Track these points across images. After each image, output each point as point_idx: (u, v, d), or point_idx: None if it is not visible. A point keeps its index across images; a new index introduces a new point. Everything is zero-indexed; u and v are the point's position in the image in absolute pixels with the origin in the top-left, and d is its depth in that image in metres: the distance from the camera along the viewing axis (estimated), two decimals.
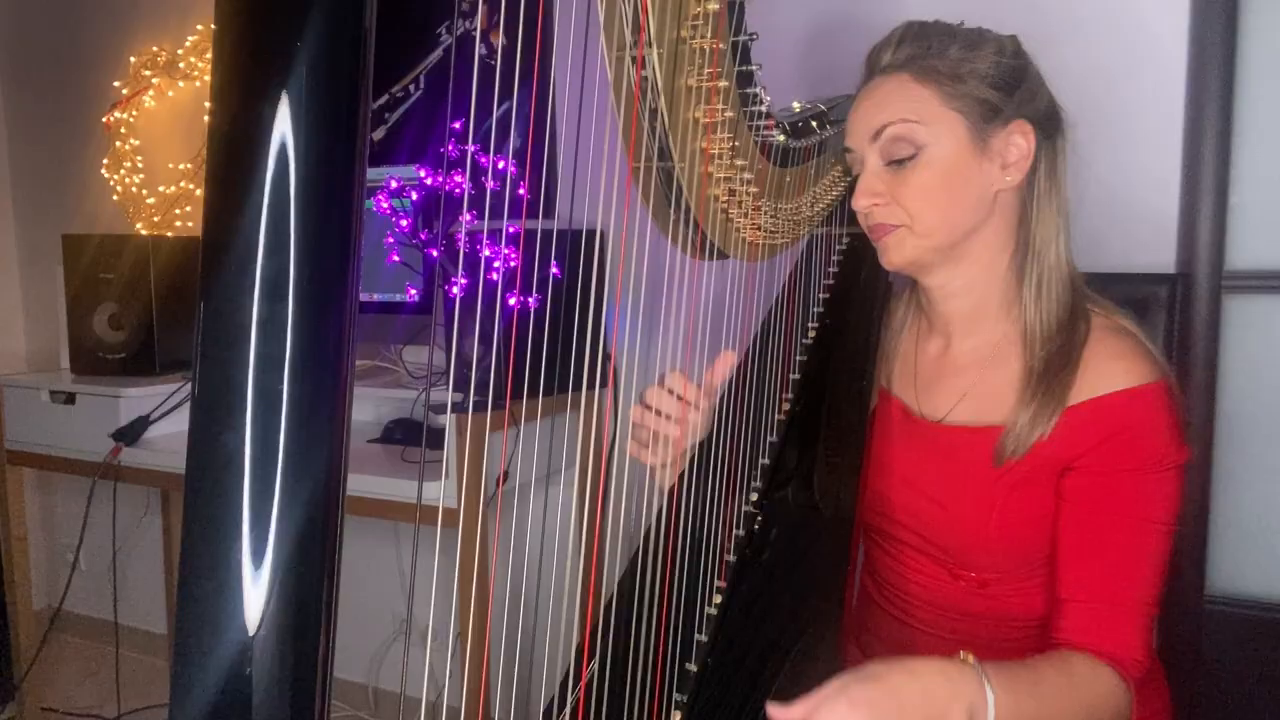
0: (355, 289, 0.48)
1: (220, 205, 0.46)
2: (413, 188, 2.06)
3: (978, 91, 1.09)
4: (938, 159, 1.10)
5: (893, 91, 1.11)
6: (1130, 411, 1.07)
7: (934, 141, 1.09)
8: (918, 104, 1.10)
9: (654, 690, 0.97)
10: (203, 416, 0.45)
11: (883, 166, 1.12)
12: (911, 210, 1.12)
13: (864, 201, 1.13)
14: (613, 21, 0.82)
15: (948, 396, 1.19)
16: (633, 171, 0.92)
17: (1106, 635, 1.04)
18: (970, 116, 1.09)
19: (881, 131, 1.11)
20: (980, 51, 1.10)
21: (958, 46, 1.10)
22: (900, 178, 1.11)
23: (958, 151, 1.10)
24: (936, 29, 1.13)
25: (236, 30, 0.45)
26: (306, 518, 0.46)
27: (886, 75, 1.13)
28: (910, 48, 1.12)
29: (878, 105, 1.12)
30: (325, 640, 0.48)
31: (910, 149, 1.10)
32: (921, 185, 1.10)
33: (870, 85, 1.15)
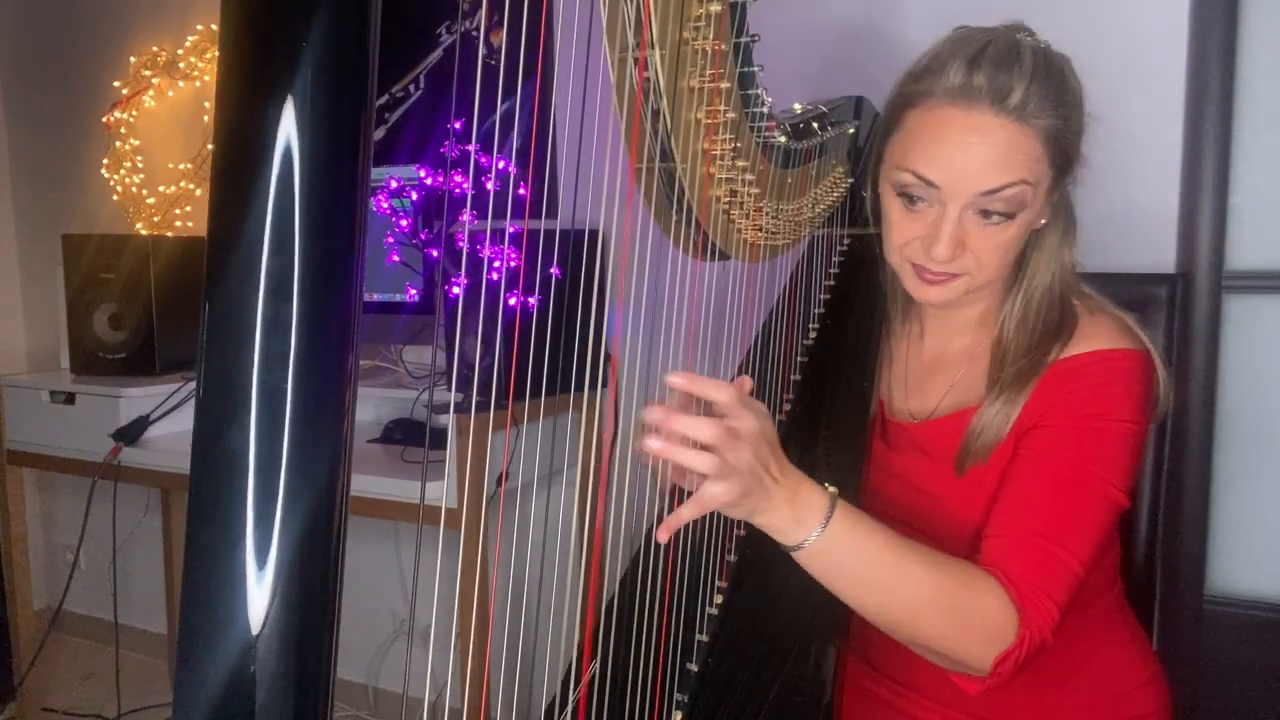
0: (359, 289, 0.48)
1: (225, 205, 0.46)
2: (413, 188, 2.06)
3: (1069, 151, 1.05)
4: (1027, 219, 1.06)
5: (1019, 150, 1.02)
6: (1095, 367, 1.06)
7: (1031, 204, 1.05)
8: (1031, 161, 1.02)
9: (655, 690, 0.97)
10: (207, 415, 0.45)
11: (973, 215, 1.05)
12: (983, 261, 1.07)
13: (947, 251, 1.05)
14: (615, 23, 0.82)
15: (936, 393, 1.20)
16: (635, 172, 0.93)
17: (1019, 566, 0.97)
18: (1058, 179, 1.06)
19: (998, 191, 1.02)
20: (1078, 102, 1.05)
21: (1069, 97, 1.04)
22: (985, 232, 1.05)
23: (1039, 211, 1.07)
24: (1056, 59, 1.05)
25: (241, 31, 0.45)
26: (310, 517, 0.46)
27: (1013, 120, 1.01)
28: (1039, 90, 1.01)
29: (991, 161, 1.02)
30: (329, 640, 0.48)
31: (1014, 210, 1.04)
32: (1005, 242, 1.06)
33: (975, 119, 1.02)
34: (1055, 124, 1.02)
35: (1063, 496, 1.01)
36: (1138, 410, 1.05)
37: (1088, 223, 1.17)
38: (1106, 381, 1.05)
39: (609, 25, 0.83)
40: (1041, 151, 1.03)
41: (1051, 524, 1.00)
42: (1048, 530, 0.99)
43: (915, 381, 1.24)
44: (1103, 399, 1.04)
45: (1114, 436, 1.04)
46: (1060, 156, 1.05)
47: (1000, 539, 1.01)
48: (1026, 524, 1.00)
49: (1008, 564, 0.98)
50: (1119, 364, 1.06)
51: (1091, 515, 1.01)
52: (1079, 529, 1.00)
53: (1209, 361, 1.62)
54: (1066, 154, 1.05)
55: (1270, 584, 1.64)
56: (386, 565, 2.60)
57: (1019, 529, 1.00)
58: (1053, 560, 0.98)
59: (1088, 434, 1.03)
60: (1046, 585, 0.96)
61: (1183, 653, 1.57)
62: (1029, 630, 0.94)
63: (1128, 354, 1.07)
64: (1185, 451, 1.59)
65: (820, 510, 0.90)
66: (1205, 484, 1.63)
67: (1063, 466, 1.02)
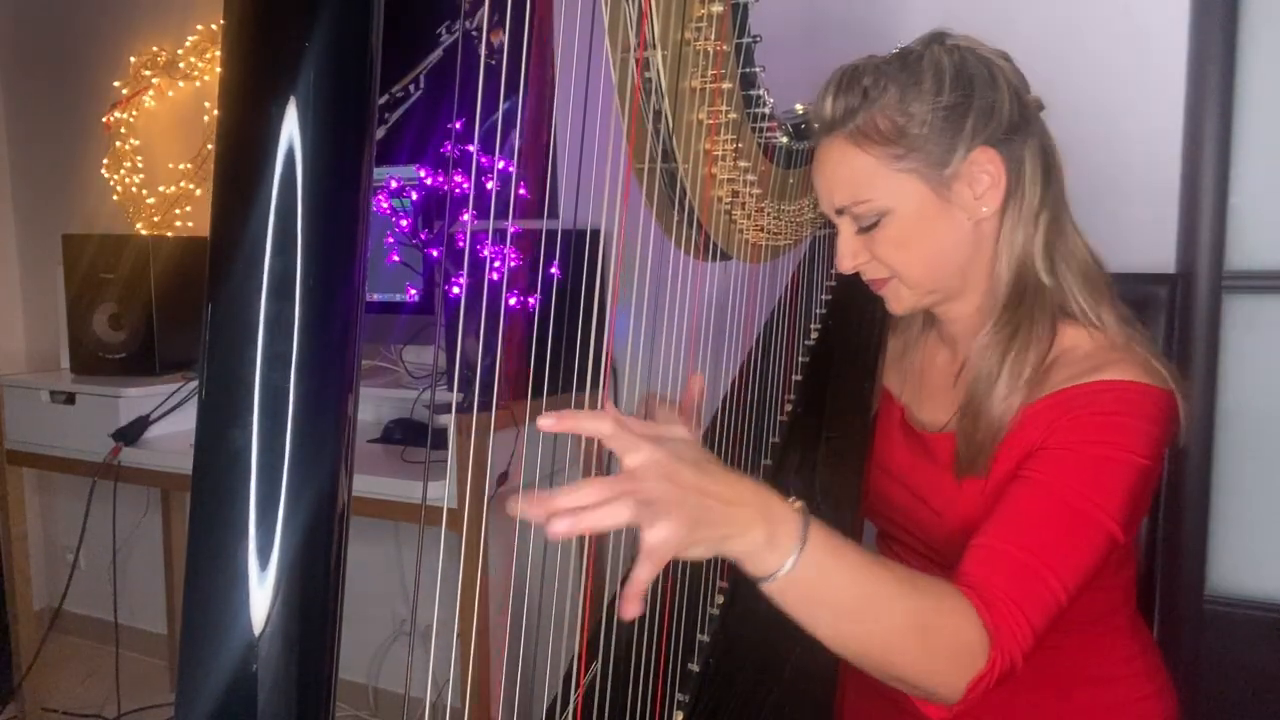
0: (361, 289, 0.48)
1: (228, 206, 0.46)
2: (413, 188, 2.06)
3: (924, 143, 1.04)
4: (903, 218, 1.07)
5: (838, 164, 1.08)
6: (1105, 394, 1.02)
7: (895, 205, 1.06)
8: (865, 177, 1.06)
9: (656, 690, 0.97)
10: (210, 414, 0.45)
11: (854, 231, 1.10)
12: (892, 265, 1.10)
13: (846, 264, 1.12)
14: (617, 24, 0.83)
15: (947, 406, 1.19)
16: (637, 173, 0.93)
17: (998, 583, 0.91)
18: (923, 171, 1.05)
19: (846, 209, 1.09)
20: (918, 92, 1.04)
21: (894, 90, 1.04)
22: (873, 239, 1.09)
23: (921, 206, 1.06)
24: (867, 70, 1.07)
25: (245, 33, 0.45)
26: (313, 517, 0.46)
27: (829, 137, 1.09)
28: (844, 100, 1.06)
29: (829, 182, 1.10)
30: (331, 640, 0.48)
31: (874, 216, 1.07)
32: (893, 243, 1.08)
33: (819, 147, 1.12)
34: (873, 121, 1.04)
35: (1056, 520, 0.97)
36: (1148, 446, 1.00)
37: (1088, 223, 1.16)
38: (1117, 410, 1.01)
39: (611, 26, 0.83)
40: (868, 160, 1.05)
41: (1041, 545, 0.95)
42: (1036, 550, 0.94)
43: (930, 392, 1.23)
44: (1111, 428, 1.00)
45: (1118, 467, 0.99)
46: (905, 148, 1.04)
47: (985, 550, 0.96)
48: (1015, 541, 0.95)
49: (988, 578, 0.92)
50: (1133, 396, 1.02)
51: (1083, 544, 0.96)
52: (1068, 556, 0.95)
53: (1209, 361, 1.62)
54: (917, 145, 1.04)
55: (1270, 584, 1.64)
56: (386, 565, 2.60)
57: (1006, 544, 0.95)
58: (1036, 581, 0.93)
59: (1091, 461, 0.99)
60: (1025, 605, 0.91)
61: (1183, 653, 1.57)
62: (999, 653, 0.88)
63: (1144, 388, 1.03)
64: (1185, 451, 1.59)
65: (795, 525, 0.79)
66: (1205, 484, 1.63)
67: (1062, 490, 0.98)
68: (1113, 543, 0.97)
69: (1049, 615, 0.92)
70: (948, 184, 1.06)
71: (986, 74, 1.06)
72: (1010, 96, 1.06)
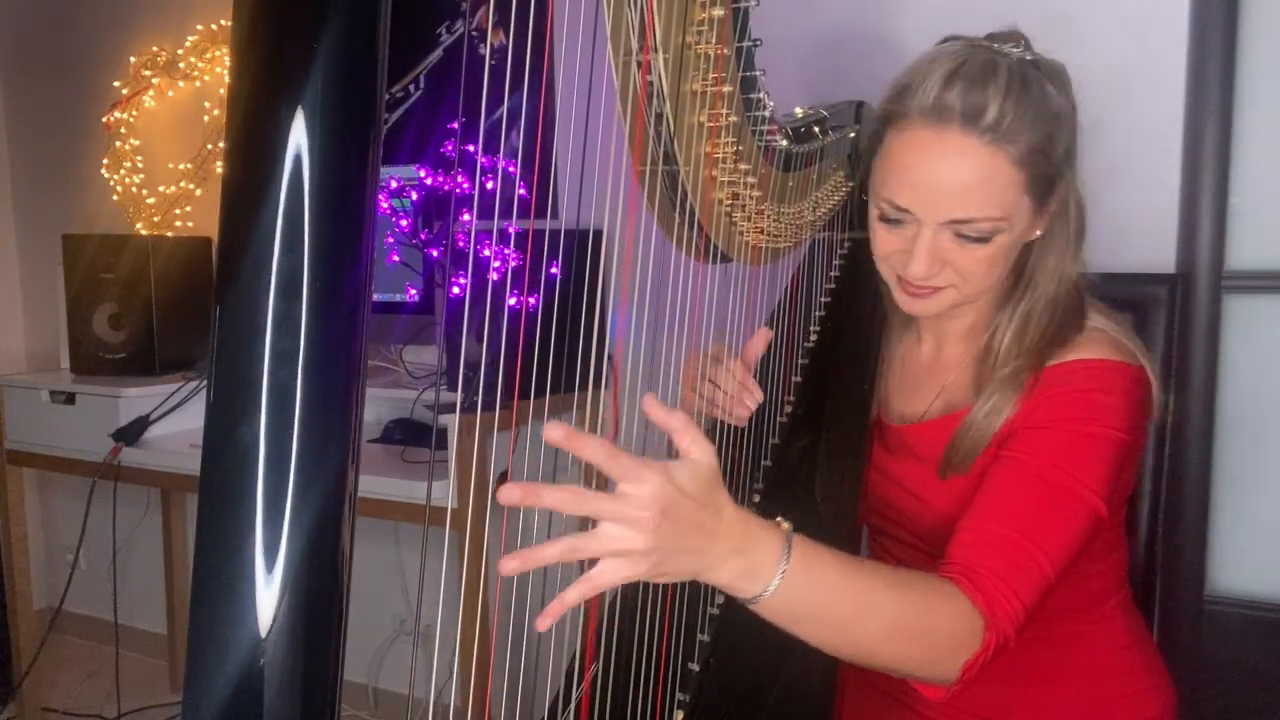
0: (368, 289, 0.49)
1: (236, 207, 0.46)
2: (413, 188, 2.06)
3: (1054, 170, 1.03)
4: (1009, 239, 1.05)
5: (984, 174, 1.00)
6: (1079, 372, 1.05)
7: (1011, 227, 1.03)
8: (1005, 194, 1.01)
9: (657, 689, 0.97)
10: (218, 412, 0.45)
11: (949, 235, 1.04)
12: (967, 276, 1.06)
13: (925, 270, 1.05)
14: (619, 28, 0.83)
15: (928, 397, 1.20)
16: (638, 175, 0.93)
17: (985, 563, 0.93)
18: (1039, 197, 1.04)
19: (969, 221, 1.02)
20: (1062, 112, 1.02)
21: (1049, 113, 1.01)
22: (964, 250, 1.04)
23: (1023, 229, 1.05)
24: (1032, 73, 1.01)
25: (254, 38, 0.46)
26: (319, 515, 0.46)
27: (972, 135, 0.99)
28: (1016, 103, 0.99)
29: (959, 188, 1.01)
30: (336, 640, 0.48)
31: (989, 232, 1.03)
32: (986, 259, 1.05)
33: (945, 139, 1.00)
34: (1032, 143, 1.00)
35: (1040, 496, 0.98)
36: (1125, 420, 1.02)
37: (1088, 222, 1.17)
38: (1093, 387, 1.03)
39: (613, 30, 0.83)
40: (1015, 176, 1.01)
41: (1025, 521, 0.96)
42: (1020, 527, 0.96)
43: (910, 385, 1.24)
44: (1088, 404, 1.02)
45: (1098, 442, 1.01)
46: (1039, 178, 1.02)
47: (971, 532, 0.97)
48: (1000, 519, 0.97)
49: (976, 558, 0.94)
50: (1106, 372, 1.04)
51: (1067, 518, 0.98)
52: (1053, 530, 0.97)
53: (1209, 361, 1.62)
54: (1047, 175, 1.03)
55: (1270, 584, 1.65)
56: (387, 565, 2.60)
57: (992, 523, 0.97)
58: (1023, 556, 0.94)
59: (1070, 437, 1.01)
60: (1014, 582, 0.92)
61: (1183, 653, 1.57)
62: (993, 632, 0.90)
63: (1116, 364, 1.05)
64: (1185, 451, 1.59)
65: (775, 554, 0.79)
66: (1205, 484, 1.63)
67: (1043, 468, 0.99)
68: (1097, 517, 0.99)
69: (1037, 590, 0.94)
70: (1043, 211, 1.06)
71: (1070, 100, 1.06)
72: None
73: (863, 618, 0.85)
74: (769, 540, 0.80)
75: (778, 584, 0.79)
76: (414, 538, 2.55)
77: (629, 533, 0.70)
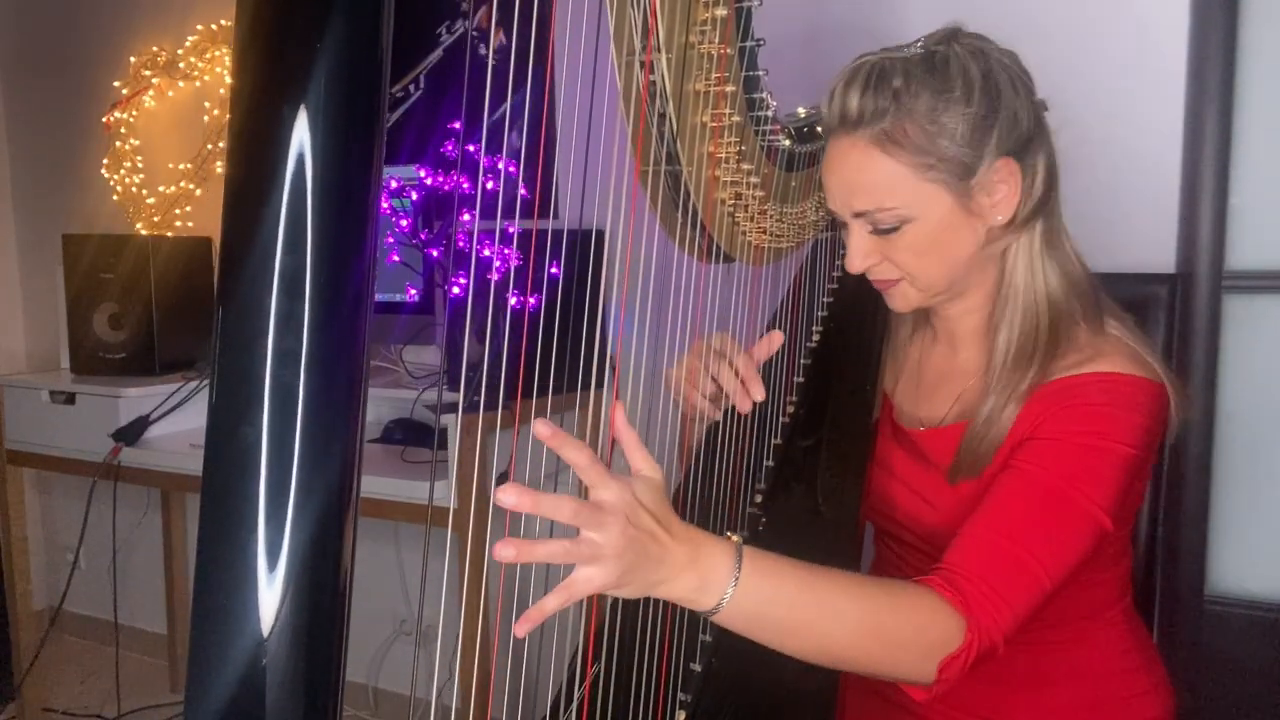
0: (370, 288, 0.49)
1: (239, 207, 0.46)
2: (413, 188, 2.06)
3: (953, 153, 1.02)
4: (925, 226, 1.05)
5: (862, 168, 1.05)
6: (1094, 385, 1.04)
7: (919, 214, 1.05)
8: (892, 183, 1.04)
9: (659, 689, 0.97)
10: (221, 410, 0.45)
11: (869, 233, 1.08)
12: (907, 269, 1.09)
13: (858, 266, 1.10)
14: (622, 28, 0.83)
15: (944, 402, 1.20)
16: (641, 175, 0.93)
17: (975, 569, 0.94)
18: (949, 182, 1.04)
19: (866, 214, 1.06)
20: (949, 100, 1.02)
21: (927, 96, 1.02)
22: (889, 242, 1.07)
23: (943, 216, 1.05)
24: (896, 70, 1.03)
25: (257, 39, 0.46)
26: (322, 514, 0.46)
27: (851, 135, 1.05)
28: (873, 100, 1.02)
29: (849, 185, 1.07)
30: (339, 638, 0.48)
31: (895, 222, 1.05)
32: (912, 250, 1.07)
33: (836, 144, 1.07)
34: (906, 132, 1.01)
35: (1042, 507, 0.98)
36: (1136, 436, 1.02)
37: (1088, 223, 1.17)
38: (1105, 401, 1.03)
39: (616, 29, 0.83)
40: (896, 165, 1.02)
41: (1024, 531, 0.96)
42: (1018, 536, 0.96)
43: (927, 389, 1.23)
44: (1099, 418, 1.02)
45: (1107, 456, 1.00)
46: (941, 164, 1.02)
47: (966, 538, 0.97)
48: (996, 527, 0.97)
49: (963, 562, 0.94)
50: (1121, 387, 1.04)
51: (1070, 531, 0.98)
52: (1053, 542, 0.97)
53: (1209, 361, 1.62)
54: (953, 159, 1.02)
55: (1270, 584, 1.65)
56: (387, 565, 2.60)
57: (987, 531, 0.97)
58: (1016, 565, 0.94)
59: (1079, 450, 1.01)
60: (1004, 589, 0.93)
61: (1183, 653, 1.57)
62: (976, 634, 0.90)
63: (1134, 379, 1.04)
64: (1185, 451, 1.59)
65: (726, 566, 0.82)
66: (1205, 484, 1.63)
67: (1048, 479, 0.99)
68: (1102, 532, 0.99)
69: (1031, 597, 0.94)
70: (970, 194, 1.05)
71: (1008, 80, 1.05)
72: (1028, 104, 1.06)
73: (824, 622, 0.87)
74: (720, 553, 0.83)
75: (731, 594, 0.82)
76: (414, 537, 2.55)
77: (601, 537, 0.74)
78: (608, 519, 0.74)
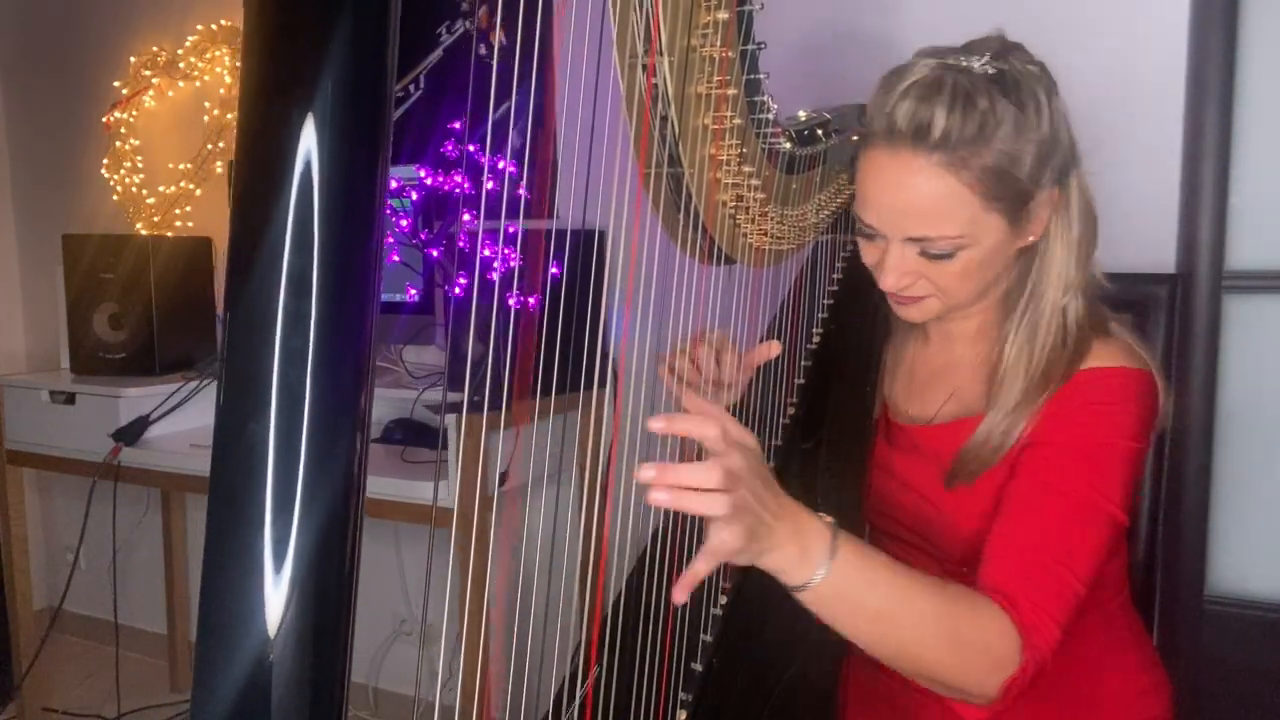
0: (376, 289, 0.49)
1: (248, 210, 0.47)
2: (413, 188, 2.06)
3: (1020, 185, 1.01)
4: (977, 254, 1.04)
5: (930, 192, 1.00)
6: (1093, 385, 1.06)
7: (975, 243, 1.03)
8: (957, 212, 1.01)
9: (660, 689, 0.97)
10: (229, 410, 0.46)
11: (916, 255, 1.05)
12: (942, 288, 1.08)
13: (892, 284, 1.08)
14: (625, 31, 0.83)
15: (937, 399, 1.20)
16: (643, 177, 0.93)
17: (1022, 589, 0.95)
18: (1010, 210, 1.02)
19: (927, 239, 1.03)
20: (1024, 127, 0.99)
21: (1009, 123, 0.98)
22: (935, 265, 1.05)
23: (996, 243, 1.05)
24: (980, 88, 0.98)
25: (264, 44, 0.46)
26: (328, 514, 0.46)
27: (924, 155, 0.99)
28: (960, 120, 0.98)
29: (909, 208, 1.02)
30: (344, 638, 0.49)
31: (950, 249, 1.03)
32: (957, 275, 1.06)
33: (898, 159, 1.01)
34: (985, 160, 0.99)
35: (1063, 516, 1.00)
36: (1135, 428, 1.04)
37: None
38: (1105, 399, 1.04)
39: (619, 33, 0.84)
40: (969, 194, 1.00)
41: (1052, 543, 0.98)
42: (1048, 549, 0.98)
43: (919, 386, 1.24)
44: (1102, 417, 1.04)
45: (1114, 455, 1.02)
46: (1004, 194, 1.01)
47: (1000, 559, 0.99)
48: (1027, 543, 0.99)
49: (1009, 586, 0.95)
50: (1116, 382, 1.05)
51: (1092, 534, 1.00)
52: (1080, 548, 0.98)
53: (1209, 361, 1.63)
54: (1015, 189, 1.01)
55: (1270, 584, 1.65)
56: (387, 565, 2.60)
57: (1020, 548, 0.99)
58: (1054, 580, 0.96)
59: (1087, 452, 1.02)
60: (1049, 605, 0.95)
61: (1183, 653, 1.58)
62: (1032, 653, 0.92)
63: (1127, 371, 1.06)
64: (1185, 451, 1.59)
65: (824, 540, 0.85)
66: (1205, 484, 1.63)
67: (1063, 485, 1.01)
68: (1118, 527, 1.02)
69: (1071, 610, 0.96)
70: (1020, 220, 1.04)
71: (1059, 103, 1.03)
72: (1067, 124, 1.05)
73: (903, 614, 0.89)
74: (818, 530, 0.85)
75: (825, 572, 0.84)
76: (414, 537, 2.55)
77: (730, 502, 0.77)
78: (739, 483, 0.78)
